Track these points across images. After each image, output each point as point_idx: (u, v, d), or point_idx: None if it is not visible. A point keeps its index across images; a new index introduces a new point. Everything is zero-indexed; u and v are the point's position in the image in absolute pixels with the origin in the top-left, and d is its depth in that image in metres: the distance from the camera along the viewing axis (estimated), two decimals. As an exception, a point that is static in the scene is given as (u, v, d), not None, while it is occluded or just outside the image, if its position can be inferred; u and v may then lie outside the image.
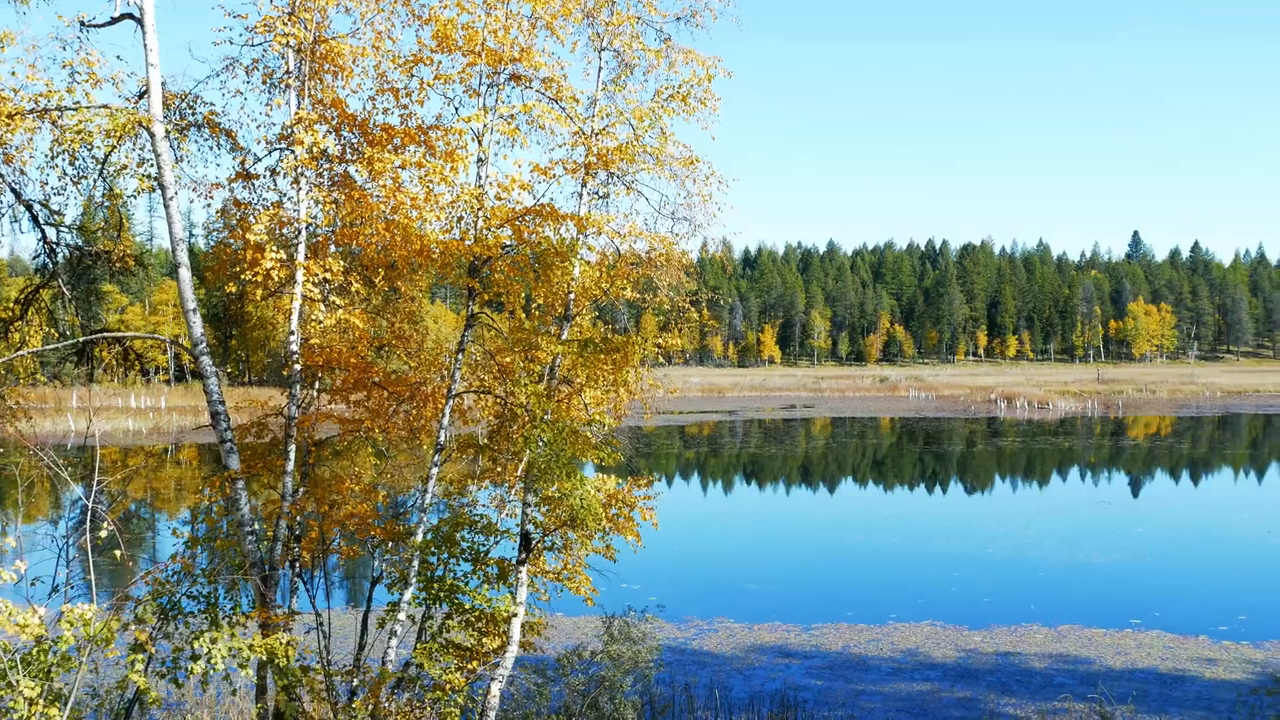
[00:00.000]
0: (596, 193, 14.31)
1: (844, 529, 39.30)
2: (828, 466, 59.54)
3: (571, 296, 14.00)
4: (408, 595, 13.28)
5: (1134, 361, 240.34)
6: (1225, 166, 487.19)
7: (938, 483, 53.28)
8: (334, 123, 13.39)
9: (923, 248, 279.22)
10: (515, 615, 13.37)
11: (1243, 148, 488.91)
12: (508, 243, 13.62)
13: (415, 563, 13.33)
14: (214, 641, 10.59)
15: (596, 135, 13.95)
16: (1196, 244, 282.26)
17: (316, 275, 13.17)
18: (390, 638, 13.24)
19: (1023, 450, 67.05)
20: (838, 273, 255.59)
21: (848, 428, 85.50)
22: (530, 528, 13.59)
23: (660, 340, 14.19)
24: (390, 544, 14.14)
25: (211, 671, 10.58)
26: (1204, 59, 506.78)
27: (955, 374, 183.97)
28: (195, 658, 10.85)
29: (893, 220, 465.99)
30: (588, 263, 14.40)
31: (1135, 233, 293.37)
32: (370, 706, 12.48)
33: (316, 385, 14.27)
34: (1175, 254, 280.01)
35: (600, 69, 14.27)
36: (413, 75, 13.54)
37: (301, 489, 13.63)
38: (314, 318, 13.37)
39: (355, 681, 13.16)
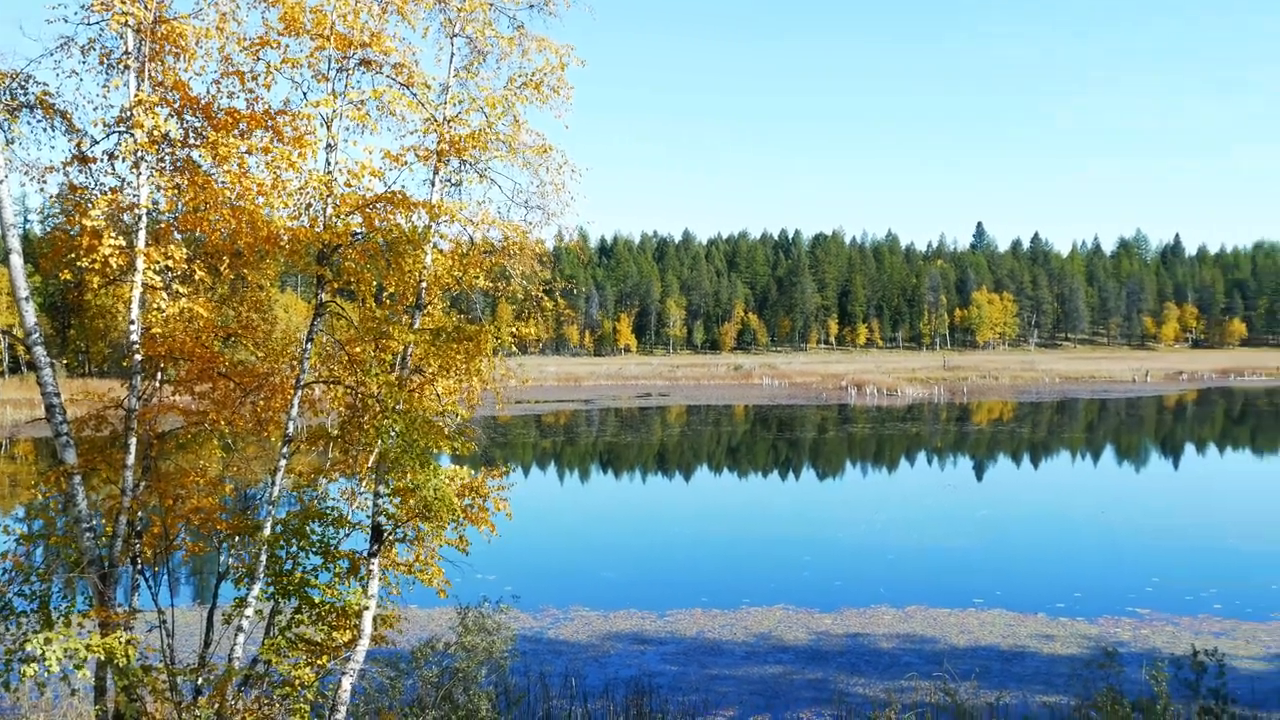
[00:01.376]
0: (449, 180, 14.15)
1: (699, 516, 39.71)
2: (683, 454, 60.06)
3: (424, 285, 13.83)
4: (255, 590, 13.00)
5: (978, 349, 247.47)
6: (1062, 159, 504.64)
7: (790, 469, 54.16)
8: (176, 106, 12.98)
9: (776, 237, 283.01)
10: (367, 608, 13.18)
11: (1076, 141, 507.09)
12: (358, 230, 13.39)
13: (263, 557, 13.04)
14: (48, 642, 10.21)
15: (449, 122, 13.79)
16: (1037, 235, 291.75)
17: (158, 263, 12.76)
18: (237, 634, 12.94)
19: (872, 436, 68.56)
20: (693, 262, 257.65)
21: (703, 415, 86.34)
22: (382, 520, 13.41)
23: (515, 329, 14.11)
24: (237, 538, 13.81)
25: (46, 674, 10.20)
26: (1040, 52, 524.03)
27: (808, 361, 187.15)
28: (28, 660, 10.45)
29: (747, 210, 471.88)
30: (440, 251, 14.24)
31: (979, 224, 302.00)
32: (216, 705, 12.19)
33: (159, 376, 13.83)
34: (1017, 245, 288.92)
35: (453, 55, 14.11)
36: (259, 58, 13.19)
37: (143, 483, 13.21)
38: (156, 307, 12.96)
39: (200, 680, 12.83)
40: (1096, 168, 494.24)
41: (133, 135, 12.57)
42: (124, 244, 12.61)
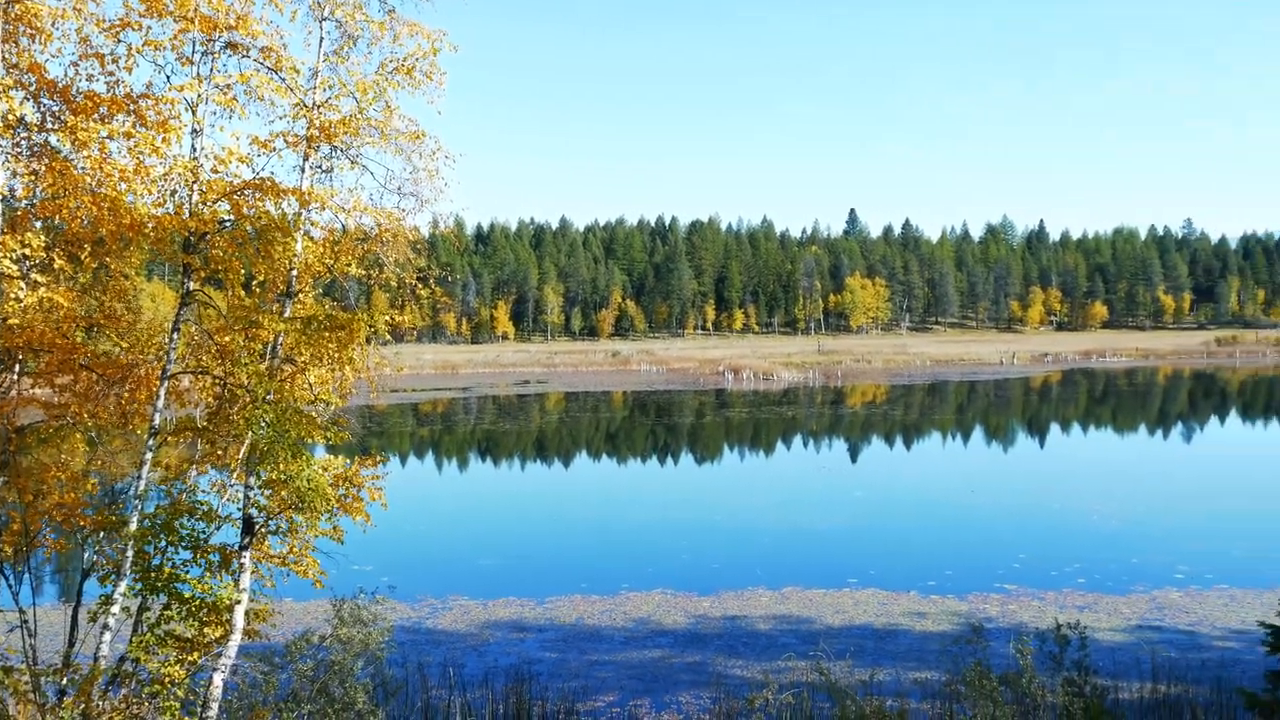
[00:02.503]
0: (320, 167, 13.93)
1: (578, 502, 39.77)
2: (562, 441, 60.03)
3: (294, 273, 13.59)
4: (122, 587, 12.67)
5: (852, 333, 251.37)
6: (929, 147, 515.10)
7: (669, 454, 54.50)
8: (32, 89, 12.55)
9: (653, 224, 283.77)
10: (238, 603, 12.95)
11: (943, 129, 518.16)
12: (226, 217, 13.10)
13: (130, 553, 12.71)
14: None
15: (319, 108, 13.57)
16: (908, 221, 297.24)
17: (15, 251, 12.33)
18: (103, 632, 12.60)
19: (749, 420, 69.30)
20: (570, 249, 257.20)
21: (581, 402, 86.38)
22: (253, 512, 13.17)
23: (389, 317, 13.95)
24: (102, 534, 13.44)
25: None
26: (908, 39, 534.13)
27: (685, 347, 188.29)
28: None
29: (624, 198, 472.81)
30: (312, 239, 14.02)
31: (852, 210, 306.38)
32: (82, 706, 11.86)
33: (17, 369, 13.38)
34: (889, 231, 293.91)
35: (322, 39, 13.87)
36: (120, 40, 12.80)
37: (1, 479, 12.78)
38: (13, 296, 12.52)
39: (65, 680, 12.47)
40: (965, 155, 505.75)
41: (-14, 119, 12.11)
42: (-22, 232, 12.16)
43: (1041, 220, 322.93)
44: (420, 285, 14.20)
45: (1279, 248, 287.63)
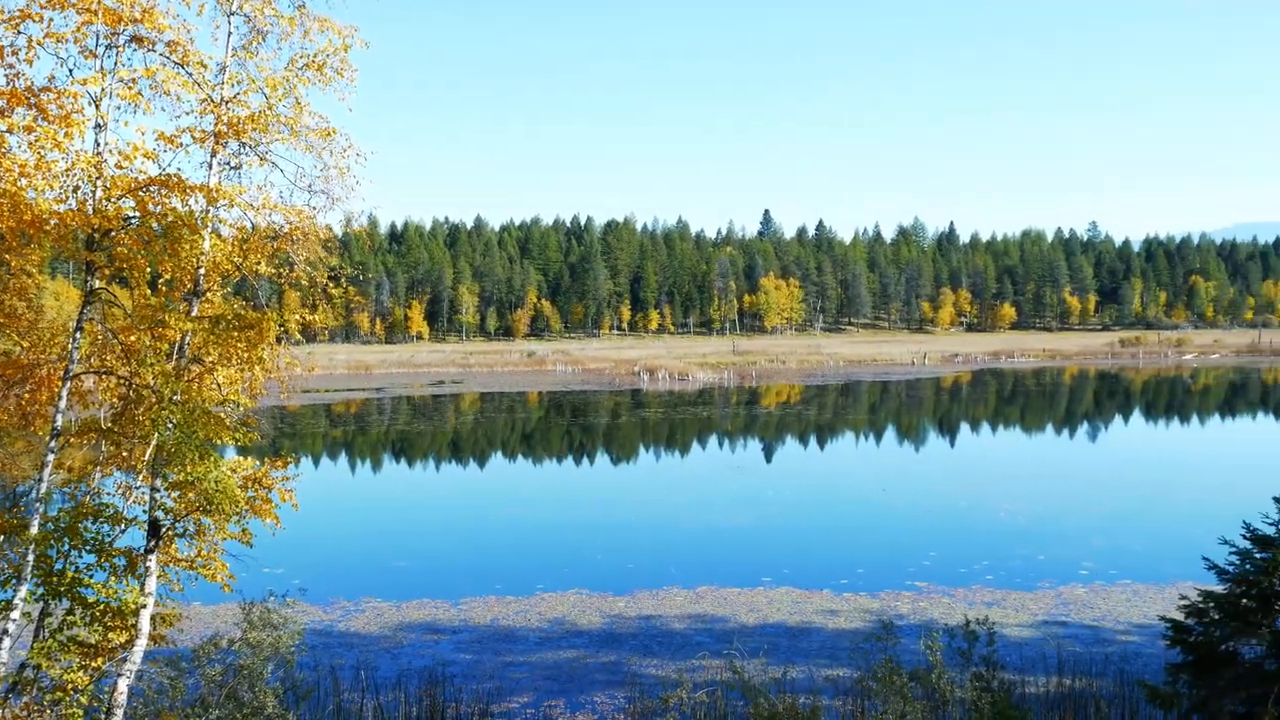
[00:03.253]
0: (228, 163, 13.69)
1: (494, 503, 39.58)
2: (477, 442, 59.71)
3: (202, 271, 13.35)
4: (23, 592, 12.36)
5: (766, 333, 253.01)
6: (844, 150, 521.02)
7: (585, 454, 54.46)
8: (-73, 81, 12.20)
9: (569, 224, 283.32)
10: (144, 607, 12.69)
11: (856, 132, 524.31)
12: (131, 214, 12.84)
13: (31, 557, 12.41)
14: None
15: (227, 103, 13.35)
16: (821, 223, 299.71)
17: (-91, 248, 11.99)
18: (3, 639, 12.29)
19: (665, 420, 69.48)
20: (485, 248, 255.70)
21: (497, 402, 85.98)
22: (160, 514, 12.93)
23: (300, 316, 13.77)
24: (3, 538, 13.10)
25: None
26: (822, 41, 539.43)
27: (601, 347, 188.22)
28: None
29: (539, 197, 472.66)
30: (220, 236, 13.78)
31: (766, 211, 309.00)
32: (-19, 714, 11.56)
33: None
34: (802, 232, 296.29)
35: (230, 34, 13.64)
36: (20, 32, 12.48)
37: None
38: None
39: (-37, 688, 12.14)
40: (878, 157, 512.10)
41: (-122, 112, 11.76)
42: None
43: (952, 222, 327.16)
44: (332, 284, 14.04)
45: (1180, 251, 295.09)
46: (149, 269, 13.06)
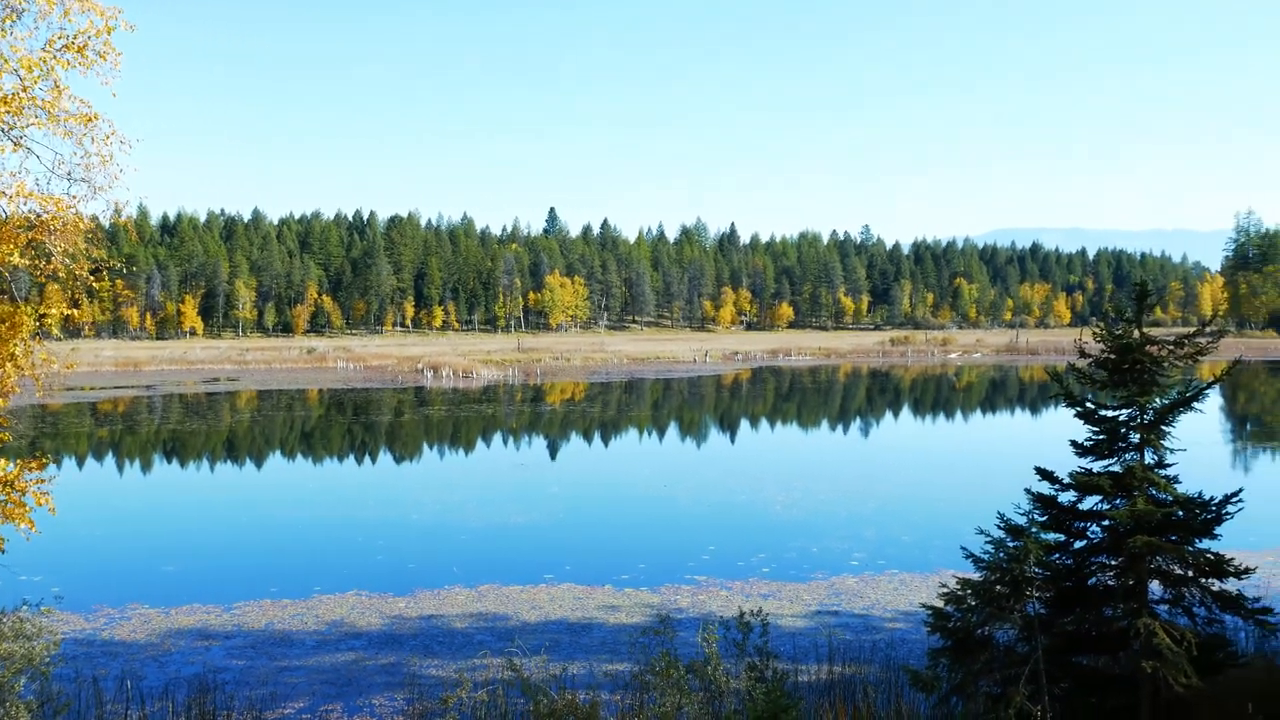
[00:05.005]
0: (-22, 148, 12.92)
1: (271, 503, 38.53)
2: (254, 441, 57.97)
3: (-52, 262, 12.57)
4: None
5: (551, 331, 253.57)
6: (629, 149, 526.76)
7: (366, 453, 53.54)
8: None
9: (350, 218, 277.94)
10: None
11: (645, 132, 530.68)
12: None
13: None
14: None
15: (-23, 84, 12.59)
16: (606, 221, 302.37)
17: None
18: None
19: (448, 418, 68.88)
20: (263, 242, 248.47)
21: (275, 400, 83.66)
22: (-99, 521, 12.12)
23: (60, 310, 13.11)
24: None
25: None
26: (593, 37, 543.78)
27: (384, 344, 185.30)
28: None
29: (320, 191, 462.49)
30: (-32, 225, 13.00)
31: (552, 209, 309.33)
32: None
33: None
34: (587, 230, 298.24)
35: (-19, 11, 12.87)
36: None
37: None
38: None
39: None
40: (661, 155, 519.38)
41: None
42: None
43: (733, 223, 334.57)
44: (93, 278, 13.41)
45: (946, 254, 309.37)
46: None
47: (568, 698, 12.90)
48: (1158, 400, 13.29)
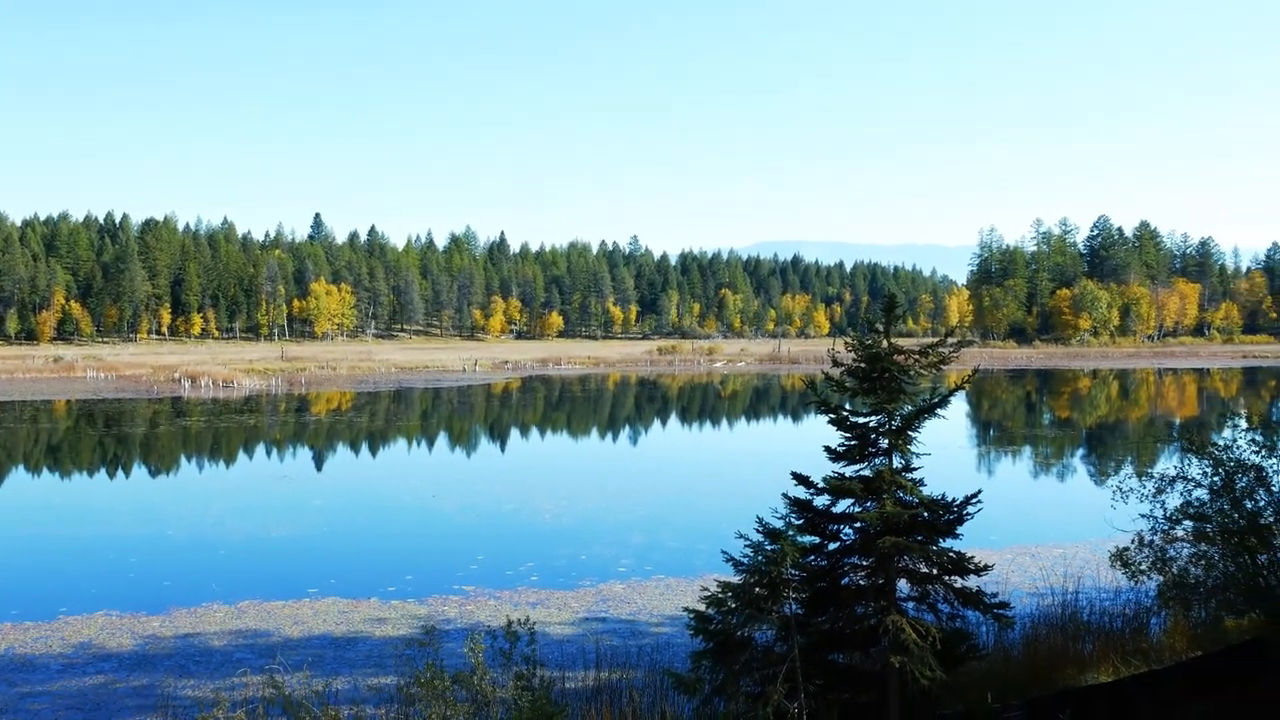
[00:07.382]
0: None
1: (9, 522, 36.43)
2: (-7, 455, 54.68)
3: None
4: None
5: (317, 339, 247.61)
6: (396, 156, 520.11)
7: (119, 467, 51.18)
8: None
9: (102, 221, 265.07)
10: None
11: (413, 139, 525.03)
12: None
13: None
14: None
15: None
16: (374, 228, 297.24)
17: None
18: None
19: (207, 429, 66.51)
20: (5, 244, 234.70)
21: (17, 412, 79.01)
22: None
23: None
24: None
25: None
26: (369, 44, 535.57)
27: (138, 353, 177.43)
28: None
29: (67, 191, 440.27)
30: None
31: (317, 215, 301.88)
32: None
33: None
34: (354, 237, 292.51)
35: None
36: None
37: None
38: None
39: None
40: (430, 165, 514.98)
41: None
42: None
43: (503, 232, 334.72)
44: None
45: (712, 265, 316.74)
46: None
47: (331, 713, 12.67)
48: (905, 407, 13.91)
